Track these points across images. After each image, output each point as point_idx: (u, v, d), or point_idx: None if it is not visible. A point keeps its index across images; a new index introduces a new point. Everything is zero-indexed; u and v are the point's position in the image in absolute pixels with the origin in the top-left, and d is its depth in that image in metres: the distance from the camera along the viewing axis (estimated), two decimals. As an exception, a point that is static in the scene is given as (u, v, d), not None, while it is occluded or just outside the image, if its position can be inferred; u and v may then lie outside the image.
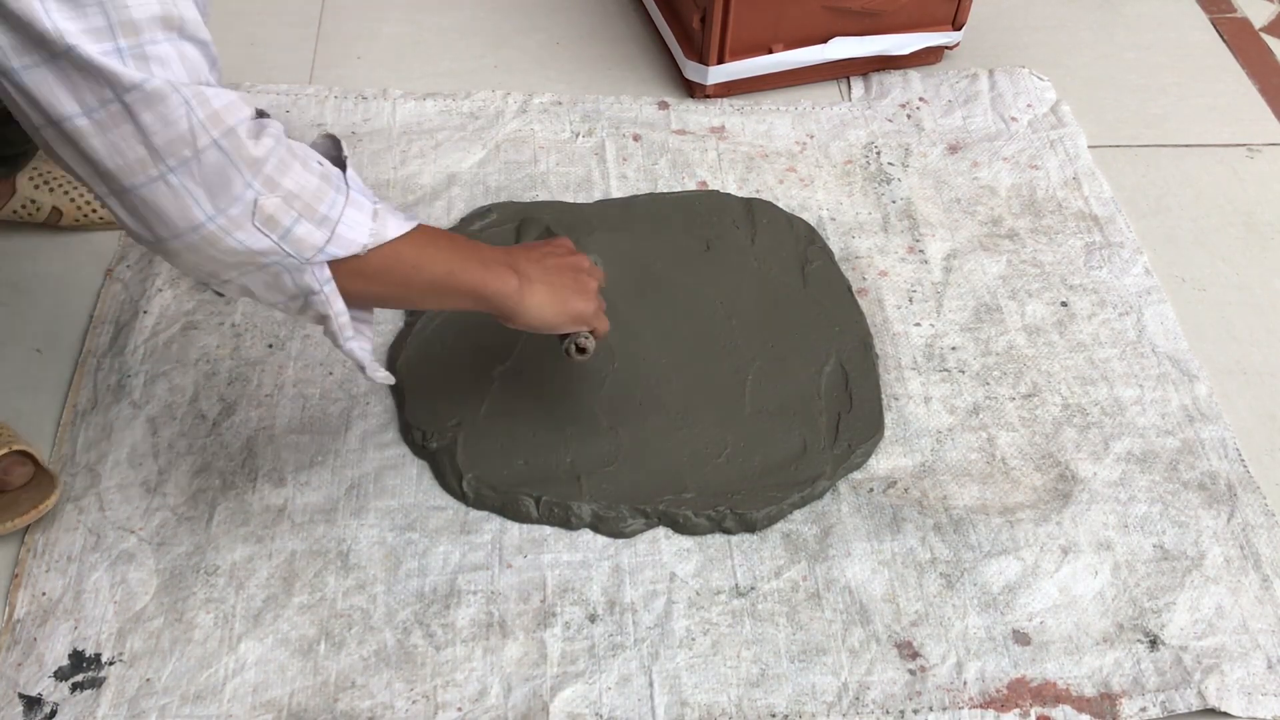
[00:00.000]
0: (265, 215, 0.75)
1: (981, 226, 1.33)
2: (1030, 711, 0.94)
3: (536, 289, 0.94)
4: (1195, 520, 1.07)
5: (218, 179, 0.73)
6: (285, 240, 0.77)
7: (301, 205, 0.77)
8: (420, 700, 0.92)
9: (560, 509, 1.03)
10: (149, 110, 0.70)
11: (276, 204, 0.76)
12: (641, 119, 1.44)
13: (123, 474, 1.05)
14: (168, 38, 0.70)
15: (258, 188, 0.74)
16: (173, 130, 0.71)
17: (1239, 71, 1.59)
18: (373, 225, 0.81)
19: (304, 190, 0.77)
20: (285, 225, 0.77)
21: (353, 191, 0.81)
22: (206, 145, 0.72)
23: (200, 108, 0.71)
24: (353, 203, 0.80)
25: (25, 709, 0.90)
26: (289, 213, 0.76)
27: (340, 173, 0.81)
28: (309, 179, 0.77)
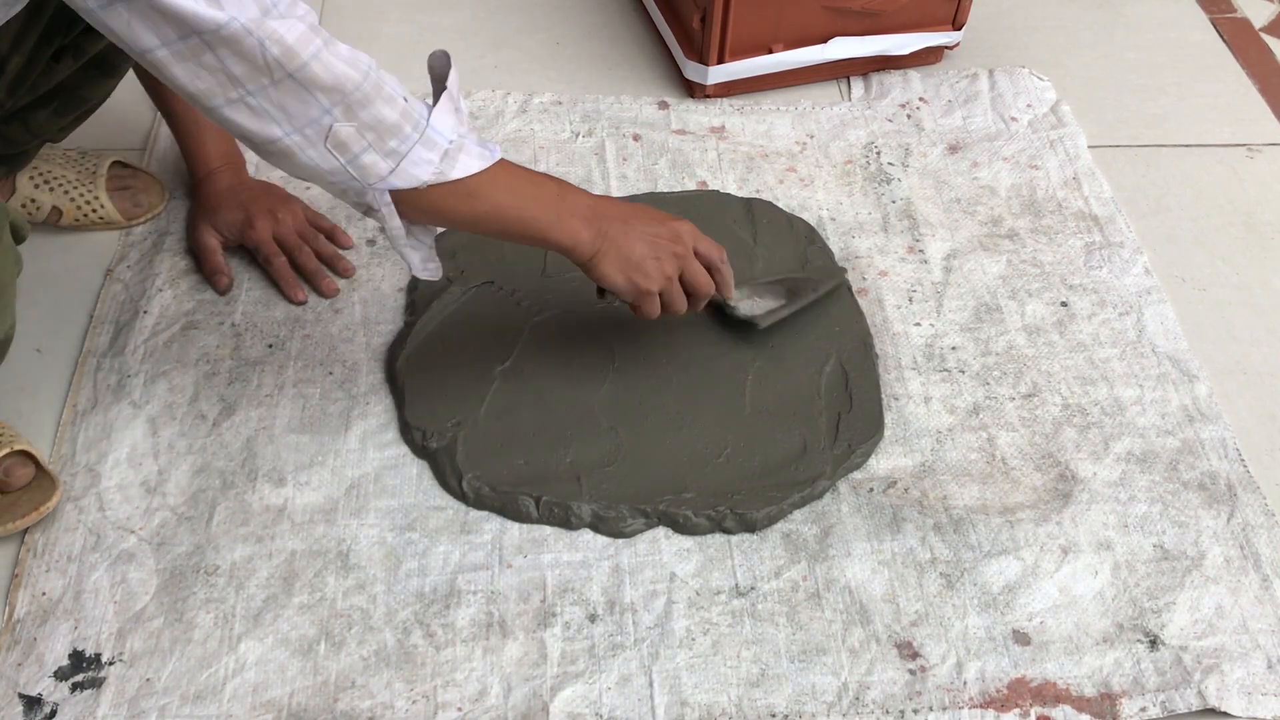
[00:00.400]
0: (338, 140, 0.82)
1: (981, 226, 1.33)
2: (1030, 711, 0.94)
3: (609, 254, 0.97)
4: (1195, 520, 1.07)
5: (296, 103, 0.80)
6: (352, 165, 0.84)
7: (374, 137, 0.83)
8: (420, 700, 0.92)
9: (560, 509, 1.03)
10: (225, 47, 0.76)
11: (349, 132, 0.82)
12: (641, 119, 1.44)
13: (123, 474, 1.05)
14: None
15: (336, 115, 0.81)
16: (250, 65, 0.77)
17: (1239, 71, 1.59)
18: (439, 165, 0.87)
19: (379, 124, 0.83)
20: (354, 151, 0.84)
21: (430, 130, 0.86)
22: (282, 77, 0.78)
23: (274, 45, 0.76)
24: (425, 141, 0.85)
25: (25, 709, 0.90)
26: (360, 141, 0.83)
27: (425, 109, 0.86)
28: (388, 113, 0.83)
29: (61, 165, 1.24)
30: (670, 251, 1.00)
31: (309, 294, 1.20)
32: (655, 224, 1.00)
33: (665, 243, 1.00)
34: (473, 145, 0.89)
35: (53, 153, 1.25)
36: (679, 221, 1.02)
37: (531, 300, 1.20)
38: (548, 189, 0.96)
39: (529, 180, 0.95)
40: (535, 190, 0.94)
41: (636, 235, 0.98)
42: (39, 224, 1.24)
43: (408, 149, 0.85)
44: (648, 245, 0.99)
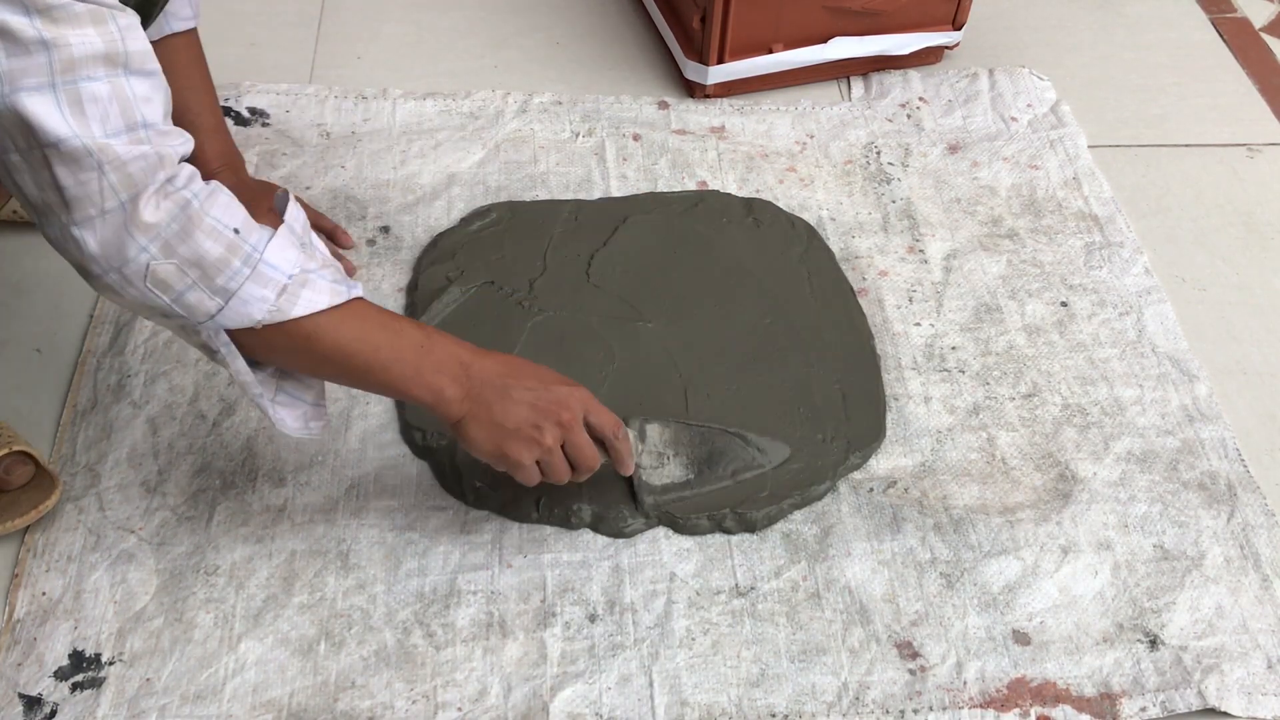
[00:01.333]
0: (157, 279, 0.77)
1: (981, 226, 1.33)
2: (1030, 711, 0.94)
3: (479, 418, 0.89)
4: (1195, 520, 1.07)
5: (113, 240, 0.76)
6: (177, 303, 0.79)
7: (198, 274, 0.78)
8: (420, 700, 0.92)
9: (560, 509, 1.03)
10: (63, 166, 0.73)
11: (169, 270, 0.77)
12: (641, 119, 1.44)
13: (123, 474, 1.05)
14: (109, 74, 0.73)
15: (153, 252, 0.76)
16: (83, 189, 0.74)
17: (1239, 71, 1.59)
18: (275, 302, 0.80)
19: (203, 259, 0.78)
20: (177, 290, 0.78)
21: (264, 265, 0.79)
22: (113, 207, 0.75)
23: (114, 172, 0.74)
24: (257, 277, 0.79)
25: (25, 709, 0.90)
26: (183, 279, 0.78)
27: (260, 242, 0.80)
28: (212, 247, 0.78)
29: (61, 165, 1.24)
30: (553, 420, 0.90)
31: None
32: (540, 387, 0.90)
33: (549, 409, 0.90)
34: (323, 281, 0.82)
35: (52, 153, 1.25)
36: (571, 387, 0.92)
37: (531, 300, 1.20)
38: (408, 337, 0.87)
39: (387, 325, 0.86)
40: (392, 337, 0.86)
41: (514, 400, 0.89)
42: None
43: (238, 285, 0.79)
44: (526, 411, 0.89)
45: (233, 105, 1.39)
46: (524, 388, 0.90)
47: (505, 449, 0.89)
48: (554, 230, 1.27)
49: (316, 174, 1.34)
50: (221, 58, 1.37)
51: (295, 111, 1.41)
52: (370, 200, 1.31)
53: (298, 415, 0.89)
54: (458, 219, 1.30)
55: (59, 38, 0.70)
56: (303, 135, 1.38)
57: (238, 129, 1.36)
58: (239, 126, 1.37)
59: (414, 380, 0.87)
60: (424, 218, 1.30)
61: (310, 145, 1.37)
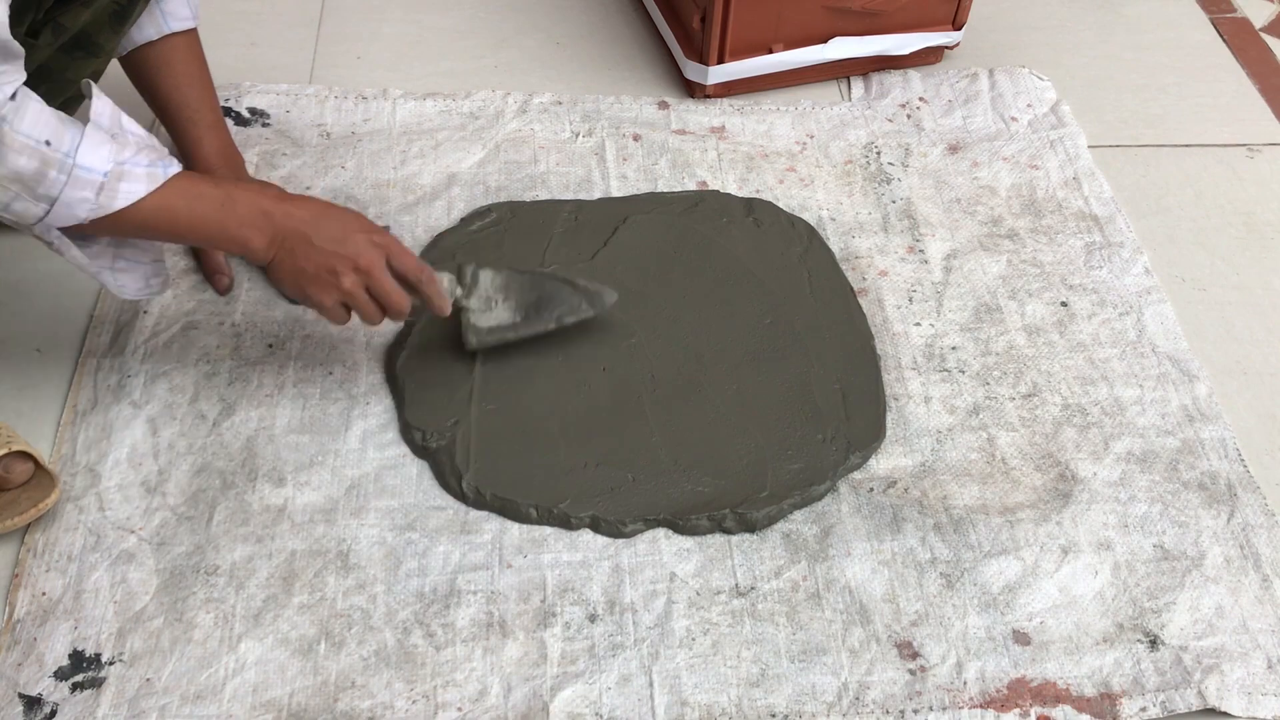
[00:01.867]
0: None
1: (981, 226, 1.33)
2: (1030, 711, 0.94)
3: (283, 264, 0.97)
4: (1195, 520, 1.07)
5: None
6: (6, 211, 0.86)
7: (20, 186, 0.85)
8: (420, 700, 0.92)
9: (560, 509, 1.03)
10: None
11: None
12: (641, 119, 1.44)
13: (123, 474, 1.05)
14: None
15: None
16: None
17: (1239, 71, 1.59)
18: (96, 201, 0.87)
19: (21, 174, 0.84)
20: (3, 201, 0.86)
21: (79, 169, 0.86)
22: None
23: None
24: (74, 182, 0.86)
25: (25, 709, 0.90)
26: (6, 192, 0.85)
27: (72, 148, 0.86)
28: (26, 163, 0.84)
29: (61, 165, 1.24)
30: (351, 265, 0.97)
31: None
32: (343, 235, 0.98)
33: (347, 256, 0.97)
34: (139, 168, 0.89)
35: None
36: (371, 233, 0.99)
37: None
38: (208, 200, 0.94)
39: (190, 193, 0.93)
40: (191, 204, 0.93)
41: (314, 249, 0.97)
42: (39, 224, 1.24)
43: (58, 191, 0.86)
44: (326, 258, 0.97)
45: (233, 105, 1.39)
46: (326, 235, 0.97)
47: (307, 290, 0.98)
48: (554, 230, 1.27)
49: (317, 174, 1.34)
50: (221, 58, 1.37)
51: (295, 112, 1.41)
52: (370, 200, 1.31)
53: (138, 277, 0.98)
54: (458, 219, 1.30)
55: None
56: (303, 135, 1.38)
57: (238, 129, 1.36)
58: (239, 127, 1.37)
59: (221, 236, 0.96)
60: (424, 218, 1.30)
61: (310, 145, 1.37)
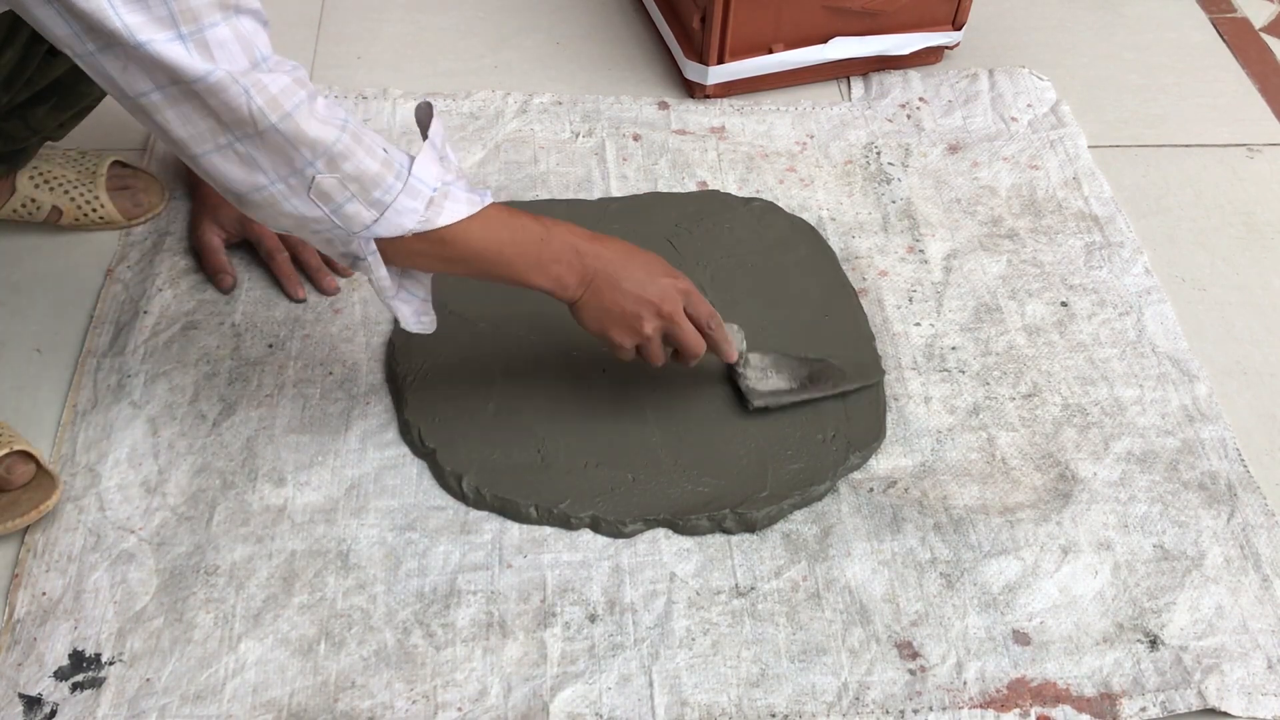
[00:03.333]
0: (321, 191, 0.84)
1: (981, 226, 1.33)
2: (1030, 711, 0.94)
3: (590, 304, 0.98)
4: (1195, 520, 1.07)
5: (279, 154, 0.81)
6: (336, 214, 0.85)
7: (357, 187, 0.85)
8: (420, 700, 0.92)
9: (559, 509, 1.03)
10: (213, 97, 0.78)
11: (333, 183, 0.84)
12: (641, 119, 1.44)
13: (123, 474, 1.05)
14: (225, 17, 0.77)
15: (318, 166, 0.82)
16: (235, 114, 0.79)
17: (1239, 71, 1.59)
18: (424, 213, 0.87)
19: (362, 174, 0.84)
20: (338, 201, 0.85)
21: (413, 179, 0.87)
22: (267, 127, 0.80)
23: (259, 95, 0.79)
24: (409, 190, 0.86)
25: (25, 709, 0.90)
26: (343, 191, 0.84)
27: (407, 159, 0.87)
28: (369, 164, 0.84)
29: (61, 165, 1.24)
30: (655, 310, 0.98)
31: (309, 292, 1.21)
32: (647, 279, 0.98)
33: (652, 301, 0.98)
34: (460, 192, 0.90)
35: (52, 152, 1.25)
36: (675, 278, 1.00)
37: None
38: (530, 232, 0.95)
39: (512, 224, 0.94)
40: (514, 235, 0.94)
41: (621, 292, 0.97)
42: (39, 224, 1.24)
43: (392, 198, 0.86)
44: (632, 302, 0.97)
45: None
46: (632, 278, 0.98)
47: (609, 333, 0.99)
48: None
49: (316, 174, 1.33)
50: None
51: (295, 111, 1.40)
52: (370, 200, 1.31)
53: (414, 310, 0.97)
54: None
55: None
56: (303, 135, 1.38)
57: (238, 129, 1.36)
58: (239, 126, 1.37)
59: (535, 271, 0.95)
60: (424, 218, 1.29)
61: (310, 145, 1.36)
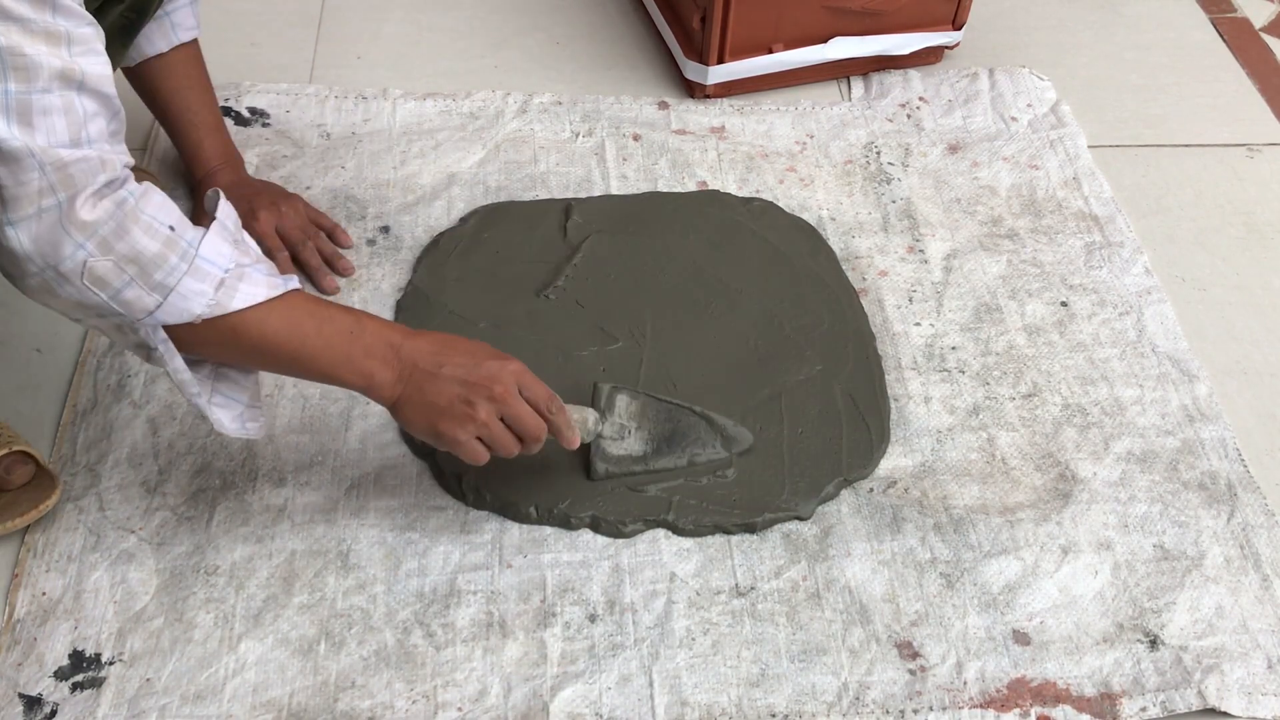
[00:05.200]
0: (95, 276, 0.78)
1: (981, 226, 1.33)
2: (1030, 711, 0.94)
3: (412, 400, 0.90)
4: (1195, 520, 1.07)
5: (49, 239, 0.76)
6: (115, 300, 0.79)
7: (136, 270, 0.79)
8: (420, 700, 0.92)
9: (559, 509, 1.03)
10: (3, 165, 0.73)
11: (107, 267, 0.78)
12: (641, 119, 1.44)
13: (123, 474, 1.05)
14: (61, 89, 0.73)
15: (90, 249, 0.77)
16: (21, 189, 0.74)
17: (1239, 71, 1.59)
18: (213, 296, 0.82)
19: (140, 256, 0.78)
20: (115, 286, 0.79)
21: (200, 259, 0.81)
22: (50, 206, 0.75)
23: (54, 172, 0.74)
24: (195, 271, 0.80)
25: (25, 709, 0.90)
26: (121, 275, 0.78)
27: (195, 237, 0.81)
28: (148, 244, 0.78)
29: (60, 166, 1.24)
30: (485, 395, 0.90)
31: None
32: (470, 364, 0.90)
33: (479, 383, 0.90)
34: (259, 275, 0.84)
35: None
36: (503, 360, 0.92)
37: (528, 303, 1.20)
38: (338, 324, 0.88)
39: (318, 314, 0.87)
40: (320, 325, 0.87)
41: (445, 379, 0.89)
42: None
43: (176, 280, 0.80)
44: (458, 388, 0.89)
45: (233, 105, 1.39)
46: (455, 365, 0.90)
47: (440, 428, 0.90)
48: (543, 231, 1.27)
49: (316, 174, 1.34)
50: (221, 57, 1.38)
51: (295, 112, 1.41)
52: (370, 200, 1.31)
53: (234, 416, 0.91)
54: (457, 219, 1.30)
55: (14, 46, 0.71)
56: (303, 136, 1.38)
57: (238, 129, 1.36)
58: (239, 127, 1.37)
59: (345, 366, 0.88)
60: (424, 218, 1.30)
61: (310, 145, 1.37)
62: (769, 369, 1.15)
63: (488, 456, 0.92)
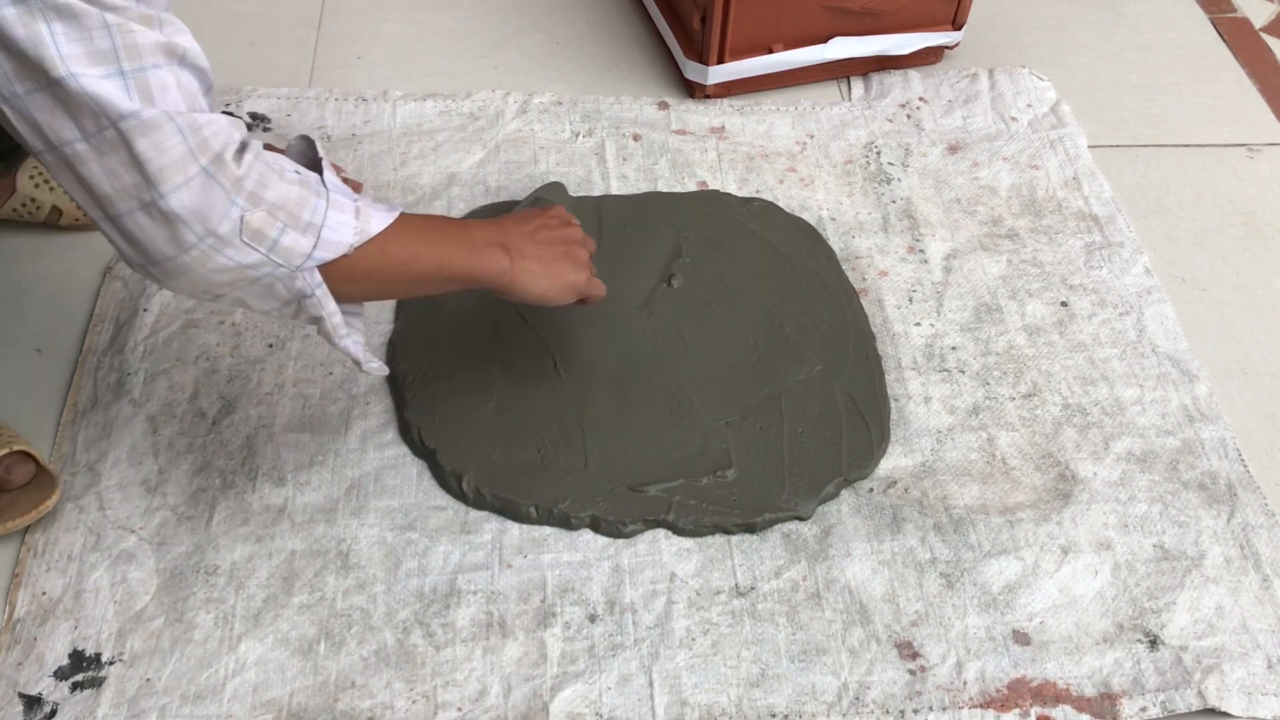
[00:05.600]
0: (252, 230, 0.78)
1: (981, 226, 1.33)
2: (1030, 711, 0.94)
3: (529, 264, 0.96)
4: (1195, 520, 1.07)
5: (205, 201, 0.76)
6: (274, 251, 0.79)
7: (286, 215, 0.79)
8: (420, 700, 0.92)
9: (560, 509, 1.03)
10: (144, 138, 0.73)
11: (261, 217, 0.78)
12: (641, 119, 1.44)
13: (123, 473, 1.05)
14: (168, 64, 0.74)
15: (242, 204, 0.77)
16: (166, 157, 0.74)
17: (1239, 71, 1.59)
18: (356, 223, 0.83)
19: (287, 200, 0.79)
20: (272, 236, 0.79)
21: (333, 193, 0.82)
22: (196, 172, 0.75)
23: (192, 136, 0.74)
24: (334, 204, 0.82)
25: (25, 709, 0.90)
26: (274, 224, 0.79)
27: (318, 176, 0.83)
28: (290, 189, 0.80)
29: (61, 165, 1.24)
30: (577, 239, 1.00)
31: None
32: (542, 220, 1.00)
33: (568, 236, 1.00)
34: (368, 202, 0.86)
35: (52, 153, 1.25)
36: (553, 211, 1.02)
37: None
38: (449, 227, 0.94)
39: (432, 223, 0.93)
40: (441, 232, 0.93)
41: (544, 241, 0.98)
42: (39, 224, 1.24)
43: (321, 218, 0.81)
44: (560, 245, 0.99)
45: (234, 110, 1.39)
46: (537, 226, 0.99)
47: (567, 278, 0.98)
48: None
49: (317, 174, 1.34)
50: (221, 58, 1.37)
51: (296, 115, 1.41)
52: (370, 200, 1.31)
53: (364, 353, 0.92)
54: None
55: (122, 24, 0.71)
56: (303, 135, 1.38)
57: (238, 129, 1.36)
58: (239, 127, 1.37)
59: (476, 259, 0.93)
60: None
61: (310, 145, 1.36)
62: (769, 369, 1.15)
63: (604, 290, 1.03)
